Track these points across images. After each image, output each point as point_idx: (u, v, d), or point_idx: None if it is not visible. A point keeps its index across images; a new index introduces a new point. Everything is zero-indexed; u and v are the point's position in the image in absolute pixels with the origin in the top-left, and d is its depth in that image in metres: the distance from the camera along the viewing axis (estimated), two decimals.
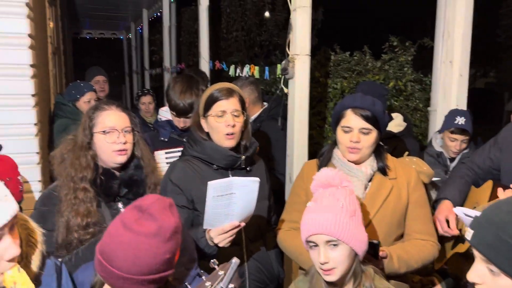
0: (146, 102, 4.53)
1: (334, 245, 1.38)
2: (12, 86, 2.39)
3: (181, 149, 2.50)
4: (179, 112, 2.58)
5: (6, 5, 2.34)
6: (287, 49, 2.69)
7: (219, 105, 1.89)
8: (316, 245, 1.40)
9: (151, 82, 9.40)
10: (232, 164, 1.93)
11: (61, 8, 6.95)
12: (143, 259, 1.13)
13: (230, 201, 1.57)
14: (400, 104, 4.10)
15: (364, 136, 1.78)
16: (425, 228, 1.84)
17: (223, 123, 1.88)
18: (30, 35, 2.43)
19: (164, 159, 2.46)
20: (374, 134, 1.79)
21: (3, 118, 2.39)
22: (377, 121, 1.78)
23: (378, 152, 1.86)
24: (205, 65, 5.03)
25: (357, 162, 1.83)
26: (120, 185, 1.82)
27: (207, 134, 1.96)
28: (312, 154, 2.71)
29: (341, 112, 1.83)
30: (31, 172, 2.49)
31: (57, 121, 3.37)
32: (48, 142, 3.18)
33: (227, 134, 1.88)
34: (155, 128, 2.82)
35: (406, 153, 2.48)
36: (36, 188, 2.52)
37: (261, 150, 2.72)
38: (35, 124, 2.48)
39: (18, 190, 2.07)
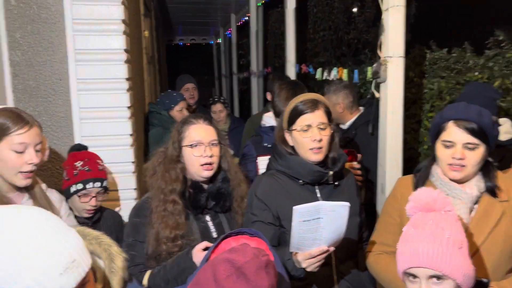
0: (217, 110, 4.57)
1: (438, 279, 1.23)
2: (109, 99, 2.53)
3: None
4: None
5: (104, 23, 2.48)
6: (378, 51, 2.53)
7: (304, 118, 1.81)
8: (416, 278, 1.26)
9: (239, 85, 9.58)
10: (319, 179, 1.84)
11: (156, 18, 7.34)
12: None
13: (318, 226, 1.49)
14: (508, 105, 3.69)
15: (469, 152, 1.58)
16: None
17: (309, 138, 1.80)
18: (126, 50, 2.55)
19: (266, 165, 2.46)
20: (481, 149, 1.59)
21: (101, 130, 2.53)
22: (485, 134, 1.58)
23: (486, 169, 1.65)
24: (291, 69, 4.97)
25: (460, 182, 1.64)
26: (208, 198, 1.84)
27: (292, 147, 1.89)
28: (406, 160, 2.53)
29: (442, 124, 1.65)
30: (127, 181, 2.62)
31: (152, 129, 3.54)
32: (143, 150, 3.34)
33: (313, 149, 1.80)
34: (258, 134, 2.84)
35: None
36: (131, 196, 2.64)
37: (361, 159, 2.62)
38: (131, 135, 2.60)
39: (98, 169, 2.17)
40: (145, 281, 1.74)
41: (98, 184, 2.14)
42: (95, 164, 2.19)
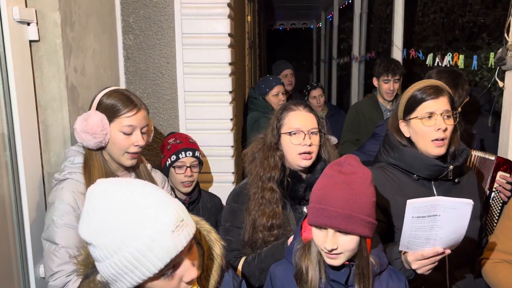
0: (316, 95, 4.45)
1: None
2: (213, 83, 2.57)
3: None
4: None
5: (210, 7, 2.51)
6: (505, 35, 2.24)
7: (426, 106, 1.64)
8: None
9: (338, 70, 9.32)
10: (436, 174, 1.66)
11: (259, 2, 7.37)
12: (359, 197, 1.25)
13: (434, 224, 1.32)
14: None
15: None
16: None
17: (432, 126, 1.62)
18: (230, 34, 2.56)
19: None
20: None
21: (204, 113, 2.59)
22: None
23: None
24: (397, 53, 4.67)
25: None
26: (306, 189, 1.77)
27: (408, 139, 1.74)
28: None
29: None
30: (226, 164, 2.66)
31: (249, 114, 3.56)
32: (241, 134, 3.37)
33: (436, 140, 1.62)
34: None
35: None
36: (229, 179, 2.68)
37: None
38: (231, 119, 2.62)
39: (188, 141, 2.29)
40: (239, 267, 1.74)
41: (189, 153, 2.22)
42: (186, 138, 2.30)
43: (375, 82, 3.53)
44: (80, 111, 2.00)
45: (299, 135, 1.75)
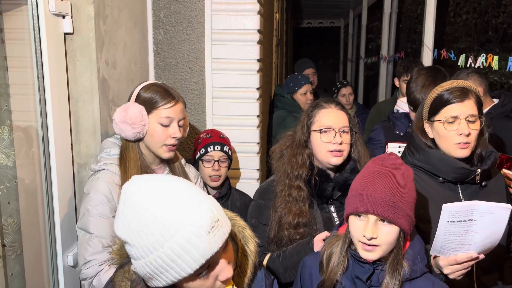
0: (346, 93, 4.40)
1: None
2: (241, 79, 2.57)
3: None
4: (417, 107, 2.37)
5: (240, 3, 2.51)
6: None
7: (450, 109, 1.60)
8: None
9: (365, 70, 9.21)
10: (463, 177, 1.62)
11: (287, 0, 7.34)
12: (403, 188, 1.26)
13: (469, 229, 1.30)
14: None
15: None
16: None
17: (455, 131, 1.58)
18: (259, 31, 2.56)
19: (397, 153, 2.31)
20: None
21: (231, 109, 2.59)
22: None
23: None
24: (428, 54, 4.57)
25: None
26: (334, 188, 1.75)
27: (432, 140, 1.70)
28: None
29: None
30: (252, 161, 2.66)
31: (275, 112, 3.55)
32: (266, 132, 3.37)
33: (460, 143, 1.59)
34: (390, 119, 2.68)
35: None
36: (254, 176, 2.68)
37: None
38: (258, 116, 2.61)
39: (219, 136, 2.31)
40: (264, 263, 1.74)
41: (218, 147, 2.23)
42: (217, 133, 2.32)
43: (396, 82, 3.49)
44: (110, 103, 2.03)
45: (330, 133, 1.73)
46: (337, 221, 1.76)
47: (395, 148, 2.27)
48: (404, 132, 2.49)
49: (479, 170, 1.61)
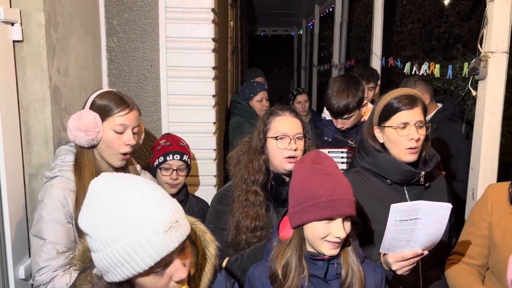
0: (302, 100, 4.52)
1: None
2: (196, 87, 2.59)
3: (345, 150, 2.40)
4: (334, 113, 2.49)
5: (194, 12, 2.54)
6: (478, 46, 2.33)
7: (401, 116, 1.71)
8: None
9: (318, 77, 9.45)
10: (409, 179, 1.73)
11: (241, 8, 7.42)
12: (341, 181, 1.37)
13: (414, 227, 1.39)
14: None
15: None
16: None
17: (406, 136, 1.69)
18: (214, 39, 2.59)
19: None
20: None
21: (187, 116, 2.61)
22: None
23: None
24: (376, 62, 4.78)
25: None
26: (289, 192, 1.81)
27: (382, 145, 1.80)
28: (499, 166, 2.32)
29: None
30: (209, 167, 2.68)
31: (232, 118, 3.59)
32: (223, 138, 3.40)
33: (410, 149, 1.70)
34: (319, 126, 2.77)
35: None
36: (211, 182, 2.70)
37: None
38: (214, 123, 2.64)
39: (178, 144, 2.32)
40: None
41: (177, 156, 2.24)
42: (177, 140, 2.33)
43: None
44: (62, 112, 2.00)
45: (285, 139, 1.79)
46: None
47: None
48: (331, 138, 2.59)
49: (423, 172, 1.73)
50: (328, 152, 2.39)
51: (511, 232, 1.52)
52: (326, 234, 1.35)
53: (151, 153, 2.42)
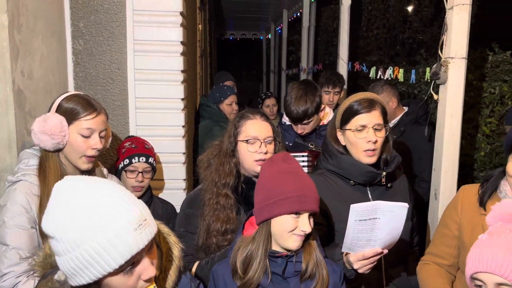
0: (270, 104, 4.56)
1: None
2: (164, 90, 2.57)
3: (305, 154, 2.44)
4: (293, 119, 2.54)
5: (163, 15, 2.53)
6: (439, 51, 2.42)
7: (359, 119, 1.76)
8: (482, 285, 1.17)
9: (287, 81, 9.55)
10: (371, 180, 1.79)
11: (209, 11, 7.42)
12: (307, 180, 1.45)
13: (374, 226, 1.44)
14: None
15: None
16: None
17: (364, 139, 1.75)
18: (182, 42, 2.59)
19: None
20: None
21: (155, 120, 2.59)
22: None
23: None
24: (343, 66, 4.88)
25: None
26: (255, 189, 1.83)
27: (344, 147, 1.85)
28: (460, 167, 2.42)
29: None
30: (178, 171, 2.67)
31: (201, 122, 3.59)
32: (193, 142, 3.39)
33: (368, 151, 1.75)
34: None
35: None
36: (181, 186, 2.69)
37: (404, 159, 2.53)
38: (183, 126, 2.63)
39: (144, 147, 2.30)
40: (193, 270, 1.76)
41: (143, 159, 2.23)
42: (142, 143, 2.31)
43: None
44: (26, 115, 1.95)
45: (255, 143, 1.81)
46: None
47: None
48: (292, 142, 2.65)
49: (384, 173, 1.78)
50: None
51: (479, 232, 1.56)
52: (294, 228, 1.41)
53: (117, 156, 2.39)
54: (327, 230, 1.79)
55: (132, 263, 1.04)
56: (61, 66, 2.41)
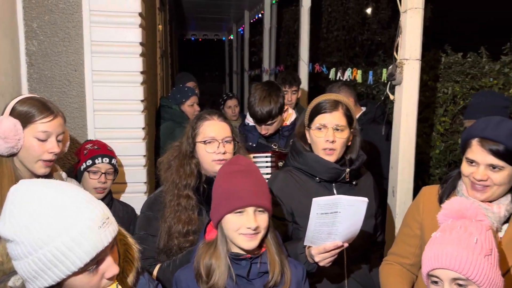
0: (232, 105, 4.58)
1: (461, 283, 1.17)
2: (123, 92, 2.53)
3: (269, 154, 2.48)
4: (258, 120, 2.57)
5: (121, 16, 2.48)
6: (394, 53, 2.51)
7: (321, 118, 1.81)
8: (438, 282, 1.22)
9: (250, 82, 9.58)
10: (335, 177, 1.83)
11: (170, 12, 7.34)
12: (260, 178, 1.46)
13: (335, 220, 1.48)
14: None
15: (494, 173, 1.47)
16: None
17: (322, 137, 1.79)
18: (141, 43, 2.55)
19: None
20: (507, 171, 1.47)
21: (114, 122, 2.54)
22: None
23: None
24: (304, 68, 4.95)
25: (485, 201, 1.54)
26: None
27: (310, 145, 1.89)
28: (416, 165, 2.51)
29: (467, 140, 1.54)
30: (139, 174, 2.63)
31: (163, 123, 3.55)
32: (154, 143, 3.35)
33: (326, 149, 1.80)
34: (242, 132, 2.84)
35: None
36: (142, 189, 2.65)
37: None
38: (143, 128, 2.60)
39: (106, 148, 2.30)
40: (154, 273, 1.74)
41: (106, 159, 2.22)
42: (104, 145, 2.30)
43: None
44: None
45: (213, 143, 1.81)
46: None
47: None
48: (255, 143, 2.68)
49: (347, 170, 1.83)
50: (253, 157, 2.45)
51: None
52: (239, 227, 1.40)
53: (76, 158, 2.34)
54: (293, 226, 1.82)
55: (97, 261, 1.03)
56: (14, 68, 2.33)
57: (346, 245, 1.56)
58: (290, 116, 2.86)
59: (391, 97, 2.58)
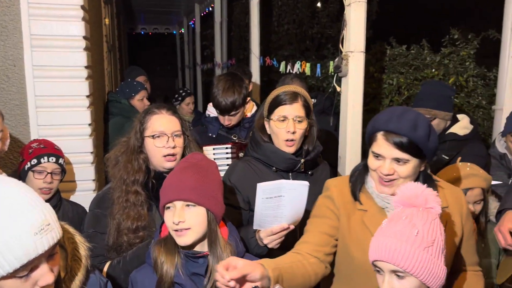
0: (190, 102, 4.57)
1: (400, 274, 1.21)
2: (67, 87, 2.46)
3: (229, 145, 2.49)
4: (222, 110, 2.58)
5: (62, 9, 2.40)
6: (340, 46, 2.57)
7: (282, 109, 1.86)
8: (380, 271, 1.26)
9: (203, 76, 9.50)
10: (291, 167, 1.90)
11: (117, 5, 7.14)
12: (205, 176, 1.43)
13: (279, 204, 1.54)
14: (461, 102, 3.85)
15: (399, 167, 1.46)
16: (475, 259, 1.66)
17: (284, 128, 1.84)
18: (85, 37, 2.48)
19: (212, 155, 2.45)
20: (412, 163, 1.46)
21: (59, 119, 2.46)
22: (418, 148, 1.44)
23: (422, 180, 1.52)
24: (255, 61, 4.97)
25: (394, 194, 1.49)
26: None
27: (269, 136, 1.94)
28: (363, 154, 2.60)
29: (372, 134, 1.50)
30: (86, 172, 2.56)
31: (111, 119, 3.46)
32: (103, 140, 3.26)
33: (287, 141, 1.85)
34: (203, 123, 2.83)
35: (459, 158, 2.29)
36: (90, 187, 2.59)
37: None
38: (90, 124, 2.53)
39: (53, 147, 2.22)
40: (104, 269, 1.71)
41: (53, 159, 2.14)
42: (51, 144, 2.21)
43: None
44: None
45: (162, 138, 1.78)
46: None
47: (210, 151, 2.42)
48: (215, 134, 2.69)
49: (302, 160, 1.90)
50: (213, 148, 2.45)
51: (359, 227, 1.56)
52: (170, 221, 1.41)
53: (20, 156, 2.24)
54: (249, 214, 1.87)
55: (30, 268, 1.00)
56: None
57: (292, 227, 1.62)
58: (251, 107, 2.87)
59: (338, 89, 2.66)
